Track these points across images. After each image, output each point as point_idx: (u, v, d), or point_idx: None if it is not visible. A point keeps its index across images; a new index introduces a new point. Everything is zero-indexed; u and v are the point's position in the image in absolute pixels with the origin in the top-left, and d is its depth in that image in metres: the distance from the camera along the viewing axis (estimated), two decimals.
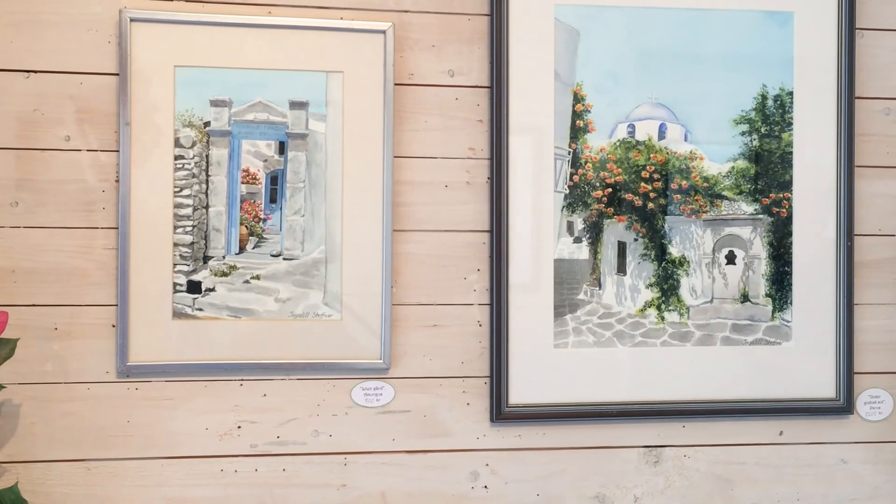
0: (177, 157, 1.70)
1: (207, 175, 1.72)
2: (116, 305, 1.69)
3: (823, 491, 1.91)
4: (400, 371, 1.78)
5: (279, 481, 1.75)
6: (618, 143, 1.83)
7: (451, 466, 1.80)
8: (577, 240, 1.83)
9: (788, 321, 1.88)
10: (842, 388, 1.88)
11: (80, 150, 1.69)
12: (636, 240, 1.84)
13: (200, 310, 1.71)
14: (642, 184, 1.84)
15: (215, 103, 1.72)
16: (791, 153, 1.88)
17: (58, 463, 1.69)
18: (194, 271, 1.71)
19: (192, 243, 1.71)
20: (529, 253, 1.81)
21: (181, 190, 1.71)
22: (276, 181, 1.75)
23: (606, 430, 1.84)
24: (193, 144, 1.71)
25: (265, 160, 1.74)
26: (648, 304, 1.85)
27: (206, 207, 1.72)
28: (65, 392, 1.69)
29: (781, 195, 1.88)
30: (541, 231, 1.81)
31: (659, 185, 1.85)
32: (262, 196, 1.74)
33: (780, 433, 1.89)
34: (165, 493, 1.72)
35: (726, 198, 1.86)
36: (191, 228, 1.71)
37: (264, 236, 1.74)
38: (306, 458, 1.76)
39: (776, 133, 1.88)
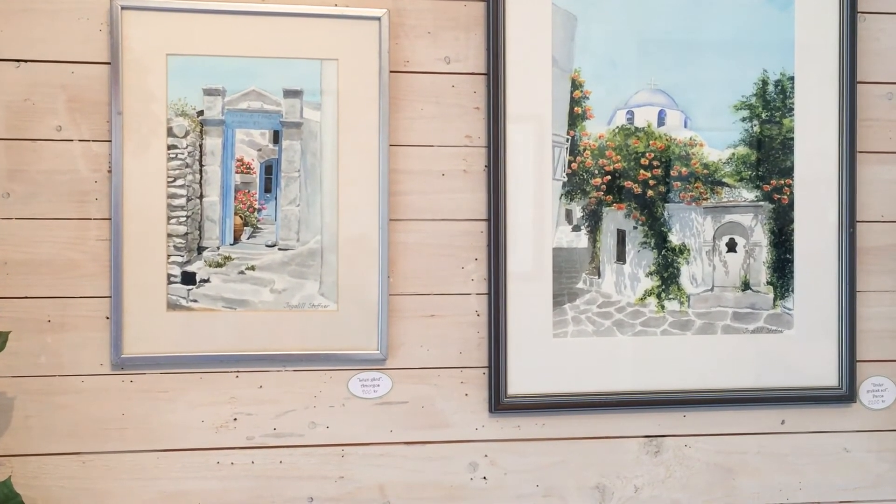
0: (170, 147, 1.68)
1: (201, 165, 1.70)
2: (110, 297, 1.67)
3: (826, 480, 1.89)
4: (397, 362, 1.76)
5: (276, 473, 1.73)
6: (617, 130, 1.81)
7: (450, 458, 1.78)
8: (576, 228, 1.81)
9: (790, 309, 1.86)
10: (844, 377, 1.86)
11: (71, 141, 1.67)
12: (636, 228, 1.82)
13: (195, 301, 1.69)
14: (641, 171, 1.82)
15: (208, 92, 1.70)
16: (792, 139, 1.86)
17: (52, 456, 1.68)
18: (188, 262, 1.70)
19: (186, 234, 1.69)
20: (528, 242, 1.79)
21: (174, 180, 1.69)
22: (270, 171, 1.73)
23: (606, 420, 1.82)
24: (187, 134, 1.69)
25: (259, 149, 1.72)
26: (648, 293, 1.83)
27: (200, 198, 1.70)
28: (59, 385, 1.67)
29: (783, 182, 1.86)
30: (539, 219, 1.79)
31: (658, 172, 1.83)
32: (256, 186, 1.73)
33: (782, 422, 1.88)
34: (161, 487, 1.70)
35: (727, 185, 1.84)
36: (185, 219, 1.69)
37: (259, 226, 1.72)
38: (303, 450, 1.74)
39: (777, 119, 1.86)
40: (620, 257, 1.83)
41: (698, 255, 1.84)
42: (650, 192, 1.82)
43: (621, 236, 1.83)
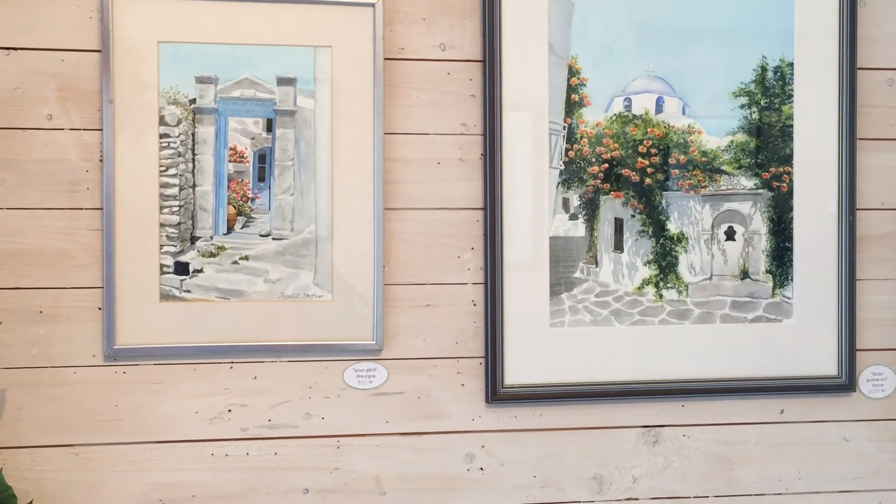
0: (162, 136, 1.66)
1: (194, 154, 1.68)
2: (102, 288, 1.65)
3: (825, 469, 1.88)
4: (393, 352, 1.75)
5: (271, 465, 1.72)
6: (614, 118, 1.79)
7: (446, 448, 1.77)
8: (573, 217, 1.79)
9: (789, 298, 1.85)
10: (844, 366, 1.85)
11: (62, 129, 1.65)
12: (633, 216, 1.81)
13: (188, 291, 1.68)
14: (639, 159, 1.80)
15: (201, 80, 1.67)
16: (791, 126, 1.84)
17: (45, 448, 1.66)
18: (181, 252, 1.68)
19: (179, 224, 1.68)
20: (524, 231, 1.77)
21: (167, 169, 1.67)
22: (264, 159, 1.71)
23: (604, 410, 1.81)
24: (179, 122, 1.67)
25: (253, 138, 1.71)
26: (646, 282, 1.81)
27: (193, 187, 1.68)
28: (51, 376, 1.66)
29: (782, 169, 1.84)
30: (536, 208, 1.77)
31: (656, 159, 1.81)
32: (249, 175, 1.71)
33: (782, 412, 1.86)
34: (155, 478, 1.69)
35: (725, 172, 1.83)
36: (177, 208, 1.68)
37: (253, 216, 1.70)
38: (298, 441, 1.73)
39: (776, 105, 1.84)
40: (618, 246, 1.81)
41: (697, 243, 1.83)
42: (648, 180, 1.80)
43: (619, 225, 1.81)
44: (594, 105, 1.79)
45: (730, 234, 1.84)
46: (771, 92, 1.83)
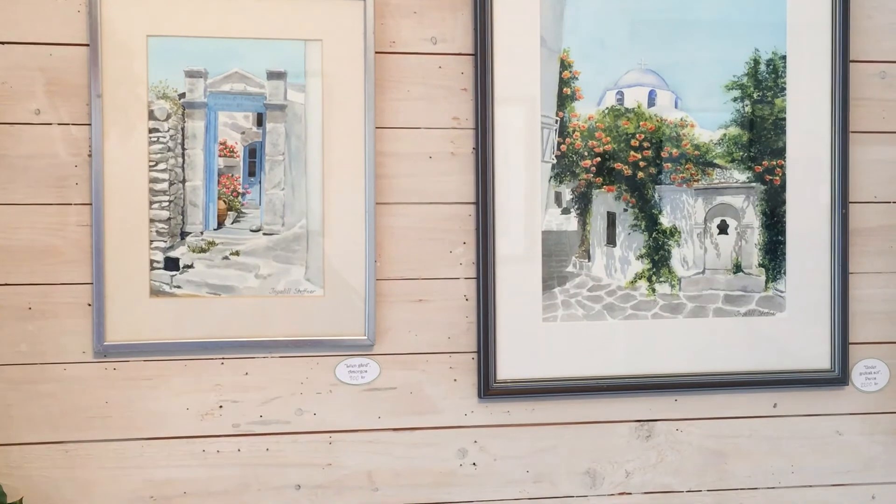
0: (151, 131, 1.65)
1: (183, 148, 1.67)
2: (92, 284, 1.64)
3: (818, 463, 1.88)
4: (385, 347, 1.74)
5: (263, 461, 1.71)
6: (606, 111, 1.79)
7: (439, 444, 1.76)
8: (566, 211, 1.78)
9: (782, 291, 1.84)
10: (837, 359, 1.85)
11: (50, 124, 1.64)
12: (626, 210, 1.80)
13: (179, 287, 1.67)
14: (632, 152, 1.79)
15: (190, 74, 1.66)
16: (784, 119, 1.83)
17: (35, 446, 1.65)
18: (171, 248, 1.67)
19: (169, 219, 1.67)
20: (517, 225, 1.76)
21: (156, 164, 1.66)
22: (254, 154, 1.70)
23: (597, 404, 1.80)
24: (168, 117, 1.66)
25: (243, 132, 1.69)
26: (639, 276, 1.81)
27: (183, 182, 1.67)
28: (40, 373, 1.65)
29: (774, 162, 1.83)
30: (528, 202, 1.76)
31: (649, 153, 1.80)
32: (240, 169, 1.70)
33: (774, 405, 1.86)
34: (146, 475, 1.68)
35: (718, 166, 1.82)
36: (167, 203, 1.66)
37: (243, 211, 1.69)
38: (290, 437, 1.72)
39: (769, 99, 1.83)
40: (611, 240, 1.80)
41: (689, 237, 1.82)
42: (640, 174, 1.80)
43: (611, 219, 1.80)
44: (586, 98, 1.78)
45: (722, 228, 1.83)
46: (763, 85, 1.83)
